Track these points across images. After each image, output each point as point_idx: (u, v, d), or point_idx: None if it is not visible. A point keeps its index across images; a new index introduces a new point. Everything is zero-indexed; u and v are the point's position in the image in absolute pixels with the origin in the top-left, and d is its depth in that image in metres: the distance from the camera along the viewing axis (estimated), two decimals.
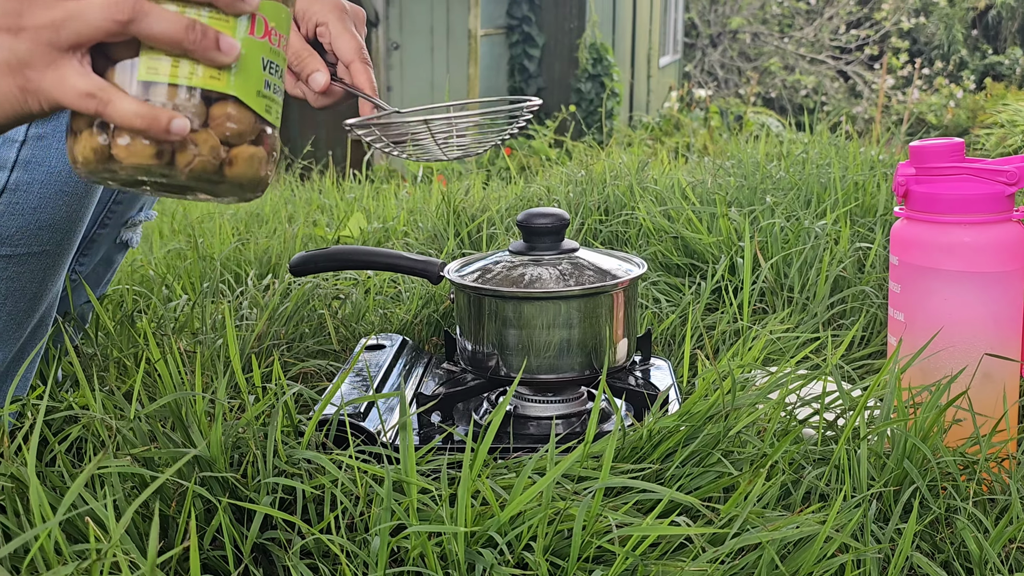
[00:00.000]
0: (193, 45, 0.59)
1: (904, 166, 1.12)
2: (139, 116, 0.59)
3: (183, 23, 0.59)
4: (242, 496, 0.85)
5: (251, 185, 0.65)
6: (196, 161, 0.61)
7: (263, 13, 0.63)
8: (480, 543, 0.75)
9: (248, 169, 0.64)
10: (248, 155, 0.64)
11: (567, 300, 1.04)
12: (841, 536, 0.75)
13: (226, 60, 0.61)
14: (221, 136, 0.62)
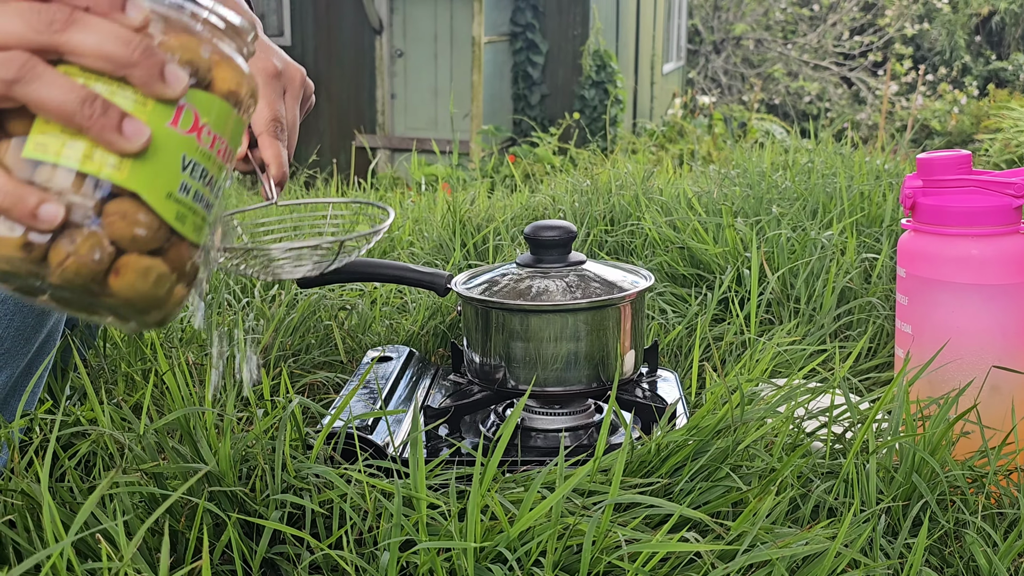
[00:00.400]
0: (89, 122, 0.49)
1: (911, 178, 1.12)
2: (2, 193, 0.48)
3: (80, 94, 0.49)
4: (251, 511, 0.85)
5: (144, 305, 0.52)
6: (70, 261, 0.49)
7: (195, 105, 0.53)
8: (489, 559, 0.75)
9: (140, 284, 0.51)
10: (141, 267, 0.51)
11: (574, 313, 1.05)
12: (851, 552, 0.75)
13: (128, 146, 0.50)
14: (112, 237, 0.50)
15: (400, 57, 8.84)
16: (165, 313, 0.54)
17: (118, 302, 0.51)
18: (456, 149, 4.92)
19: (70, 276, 0.49)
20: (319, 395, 1.27)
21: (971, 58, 12.53)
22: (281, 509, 0.83)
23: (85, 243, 0.49)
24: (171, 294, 0.54)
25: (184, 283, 0.54)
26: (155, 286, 0.52)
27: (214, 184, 0.55)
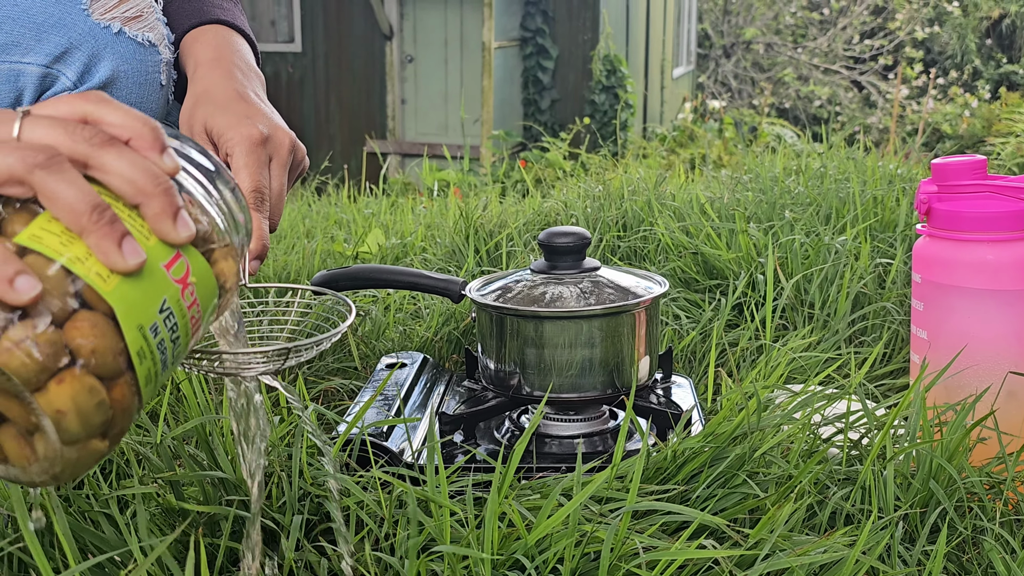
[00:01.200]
0: (93, 226, 0.49)
1: (926, 183, 1.12)
2: None
3: (93, 200, 0.49)
4: (266, 516, 0.85)
5: (74, 426, 0.47)
6: (23, 346, 0.46)
7: (189, 261, 0.53)
8: (507, 566, 0.75)
9: (81, 399, 0.47)
10: (88, 383, 0.47)
11: (589, 319, 1.05)
12: (869, 559, 0.75)
13: (121, 263, 0.49)
14: (72, 343, 0.47)
15: (410, 62, 8.85)
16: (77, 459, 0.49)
17: (47, 411, 0.47)
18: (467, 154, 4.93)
19: (17, 361, 0.45)
20: (333, 402, 1.27)
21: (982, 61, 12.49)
22: (299, 516, 0.83)
23: (44, 335, 0.46)
24: (95, 436, 0.49)
25: (107, 439, 0.50)
26: (95, 410, 0.48)
27: (176, 345, 0.53)
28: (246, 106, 0.86)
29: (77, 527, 0.76)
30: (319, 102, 8.83)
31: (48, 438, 0.47)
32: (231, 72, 0.90)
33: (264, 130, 0.83)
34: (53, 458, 0.48)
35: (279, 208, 0.84)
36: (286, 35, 8.77)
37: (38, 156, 0.49)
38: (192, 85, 0.90)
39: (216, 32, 0.95)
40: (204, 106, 0.86)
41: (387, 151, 8.46)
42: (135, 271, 0.50)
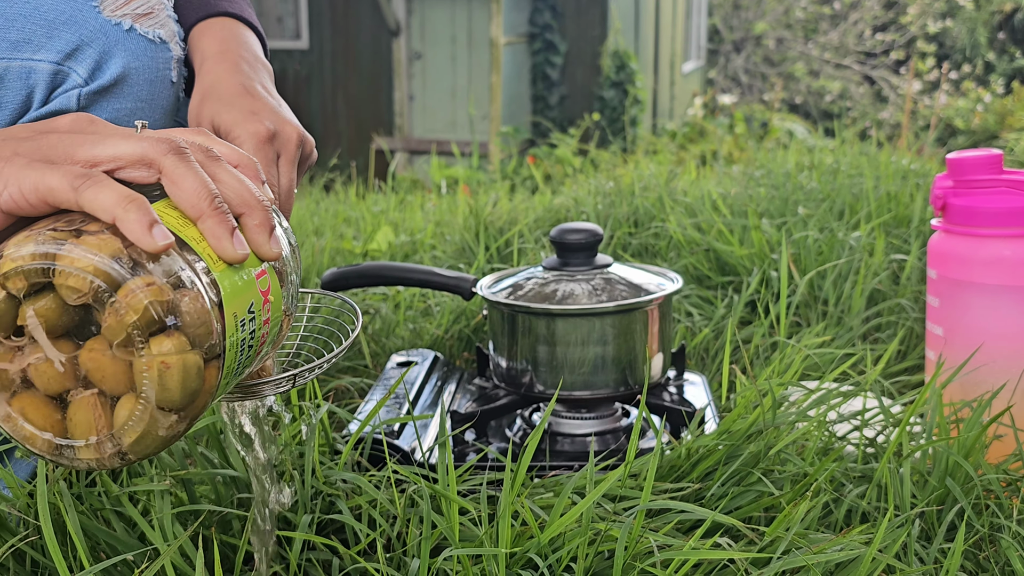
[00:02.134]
0: (212, 213, 0.53)
1: (942, 178, 1.11)
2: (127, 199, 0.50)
3: (212, 190, 0.53)
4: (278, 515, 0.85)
5: (170, 383, 0.49)
6: (144, 292, 0.48)
7: (271, 282, 0.56)
8: (519, 565, 0.74)
9: (183, 357, 0.49)
10: (190, 348, 0.50)
11: (601, 316, 1.04)
12: (886, 557, 0.74)
13: (230, 251, 0.53)
14: (180, 307, 0.50)
15: (418, 59, 8.85)
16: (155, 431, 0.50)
17: (152, 362, 0.49)
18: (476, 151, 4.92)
19: (141, 303, 0.48)
20: (344, 400, 1.26)
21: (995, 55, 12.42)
22: (311, 514, 0.83)
23: (166, 288, 0.49)
24: (181, 405, 0.50)
25: (188, 419, 0.52)
26: (194, 374, 0.50)
27: (248, 353, 0.55)
28: (252, 101, 0.86)
29: (89, 525, 0.76)
30: (326, 99, 8.84)
31: (144, 396, 0.49)
32: (238, 65, 0.90)
33: (271, 126, 0.83)
34: (136, 423, 0.49)
35: (289, 205, 0.84)
36: (293, 32, 8.77)
37: (170, 144, 0.53)
38: (199, 79, 0.90)
39: (223, 25, 0.95)
40: (211, 102, 0.86)
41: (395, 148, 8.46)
42: (239, 262, 0.53)
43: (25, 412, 0.50)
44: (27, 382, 0.50)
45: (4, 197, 0.52)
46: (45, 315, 0.49)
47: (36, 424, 0.50)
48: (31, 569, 0.77)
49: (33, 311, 0.49)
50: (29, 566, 0.77)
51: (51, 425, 0.50)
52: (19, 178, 0.52)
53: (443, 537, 0.80)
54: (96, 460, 0.51)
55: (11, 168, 0.52)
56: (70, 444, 0.50)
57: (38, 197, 0.51)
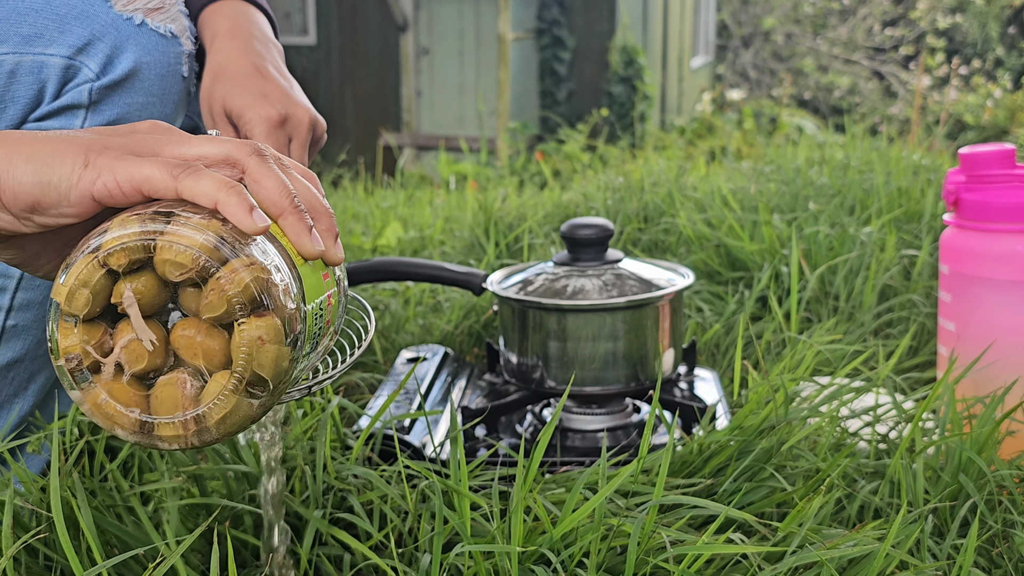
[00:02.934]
0: (293, 211, 0.55)
1: (954, 173, 1.11)
2: (228, 185, 0.53)
3: (290, 192, 0.55)
4: (290, 511, 0.85)
5: (264, 359, 0.51)
6: (247, 271, 0.51)
7: (333, 287, 0.59)
8: (532, 560, 0.74)
9: (277, 335, 0.51)
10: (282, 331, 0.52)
11: (612, 312, 1.04)
12: (900, 553, 0.74)
13: (308, 247, 0.55)
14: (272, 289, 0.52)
15: (425, 55, 8.84)
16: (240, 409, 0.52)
17: (248, 337, 0.51)
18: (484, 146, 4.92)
19: (242, 282, 0.50)
20: (355, 396, 1.26)
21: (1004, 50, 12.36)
22: (322, 509, 0.83)
23: (266, 270, 0.51)
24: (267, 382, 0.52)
25: (267, 404, 0.53)
26: (286, 353, 0.52)
27: (313, 350, 0.57)
28: (263, 82, 0.86)
29: (101, 520, 0.76)
30: (334, 95, 8.83)
31: (237, 372, 0.51)
32: (249, 43, 0.91)
33: (282, 110, 0.85)
34: (225, 399, 0.51)
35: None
36: (300, 28, 8.77)
37: (252, 147, 0.56)
38: (210, 58, 0.91)
39: (233, 5, 0.96)
40: (222, 82, 0.87)
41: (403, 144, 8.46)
42: (315, 259, 0.56)
43: (112, 392, 0.52)
44: (116, 364, 0.52)
45: (98, 185, 0.53)
46: (141, 292, 0.51)
47: (123, 402, 0.52)
48: (44, 563, 0.77)
49: (130, 287, 0.51)
50: (42, 560, 0.77)
51: (137, 403, 0.52)
52: (113, 168, 0.53)
53: (455, 532, 0.80)
54: (177, 438, 0.52)
55: (104, 158, 0.53)
56: (153, 421, 0.52)
57: (133, 186, 0.53)
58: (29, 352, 0.92)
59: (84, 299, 0.51)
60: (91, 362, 0.52)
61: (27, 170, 0.53)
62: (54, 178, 0.53)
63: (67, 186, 0.53)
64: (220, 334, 0.51)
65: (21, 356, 0.91)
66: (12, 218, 0.54)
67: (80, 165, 0.53)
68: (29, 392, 0.93)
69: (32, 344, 0.91)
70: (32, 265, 0.59)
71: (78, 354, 0.52)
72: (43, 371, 0.94)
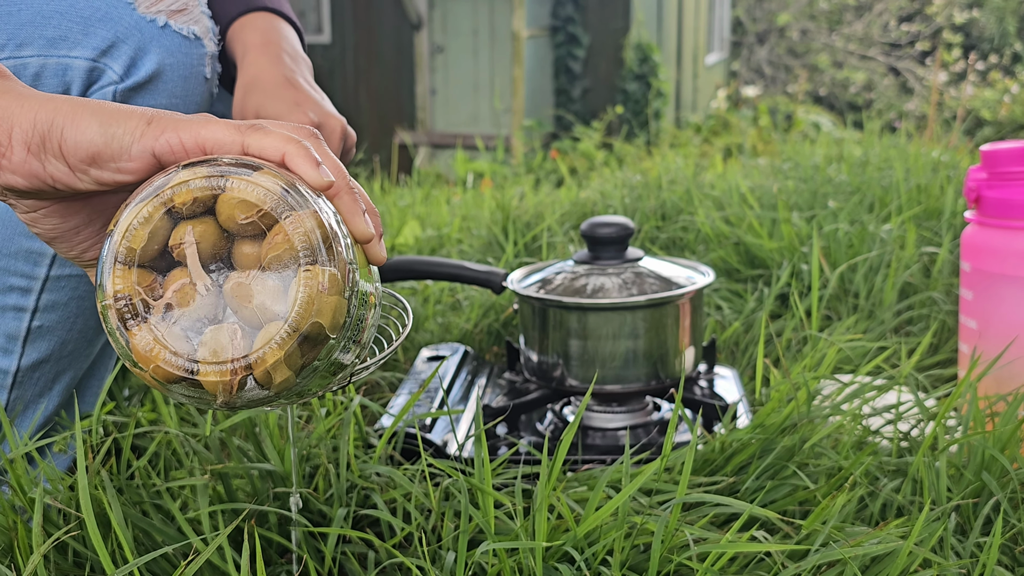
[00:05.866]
0: (348, 191, 0.55)
1: (975, 170, 1.10)
2: (294, 140, 0.54)
3: (347, 172, 0.56)
4: (313, 509, 0.86)
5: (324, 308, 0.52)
6: (317, 216, 0.52)
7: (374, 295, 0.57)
8: (555, 558, 0.75)
9: (337, 287, 0.52)
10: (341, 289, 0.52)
11: (633, 310, 1.04)
12: (923, 551, 0.74)
13: (362, 227, 0.55)
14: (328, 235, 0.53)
15: (440, 53, 8.85)
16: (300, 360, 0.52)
17: (311, 281, 0.51)
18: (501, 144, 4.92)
19: (309, 226, 0.51)
20: (375, 394, 1.27)
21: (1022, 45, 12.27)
22: (346, 507, 0.83)
23: (327, 222, 0.52)
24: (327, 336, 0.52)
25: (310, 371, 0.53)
26: (343, 307, 0.52)
27: (357, 335, 0.56)
28: (296, 92, 0.87)
29: (131, 517, 0.77)
30: (348, 93, 8.85)
31: (292, 320, 0.51)
32: (279, 57, 0.92)
33: (315, 118, 0.86)
34: (278, 347, 0.51)
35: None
36: (315, 26, 8.79)
37: (309, 131, 0.57)
38: (242, 71, 0.91)
39: (263, 19, 0.96)
40: (255, 93, 0.87)
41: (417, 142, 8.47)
42: (367, 239, 0.55)
43: (159, 336, 0.52)
44: (167, 307, 0.52)
45: (161, 141, 0.54)
46: (200, 237, 0.51)
47: (170, 347, 0.52)
48: (73, 560, 0.78)
49: (191, 229, 0.51)
50: (71, 557, 0.77)
51: (184, 350, 0.52)
52: (177, 127, 0.54)
53: (478, 530, 0.81)
54: (221, 384, 0.51)
55: (170, 119, 0.55)
56: (198, 367, 0.52)
57: (197, 143, 0.54)
58: (54, 353, 0.92)
59: (143, 236, 0.51)
60: (140, 305, 0.52)
61: (92, 121, 0.54)
62: (119, 131, 0.54)
63: (130, 139, 0.54)
64: (276, 285, 0.51)
65: (46, 356, 0.92)
66: (68, 170, 0.55)
67: (144, 122, 0.54)
68: (54, 392, 0.94)
69: (57, 345, 0.92)
70: (69, 241, 0.60)
71: (128, 295, 0.52)
72: (68, 371, 0.95)
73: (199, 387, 0.52)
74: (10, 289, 0.89)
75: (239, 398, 0.52)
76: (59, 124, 0.54)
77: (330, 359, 0.54)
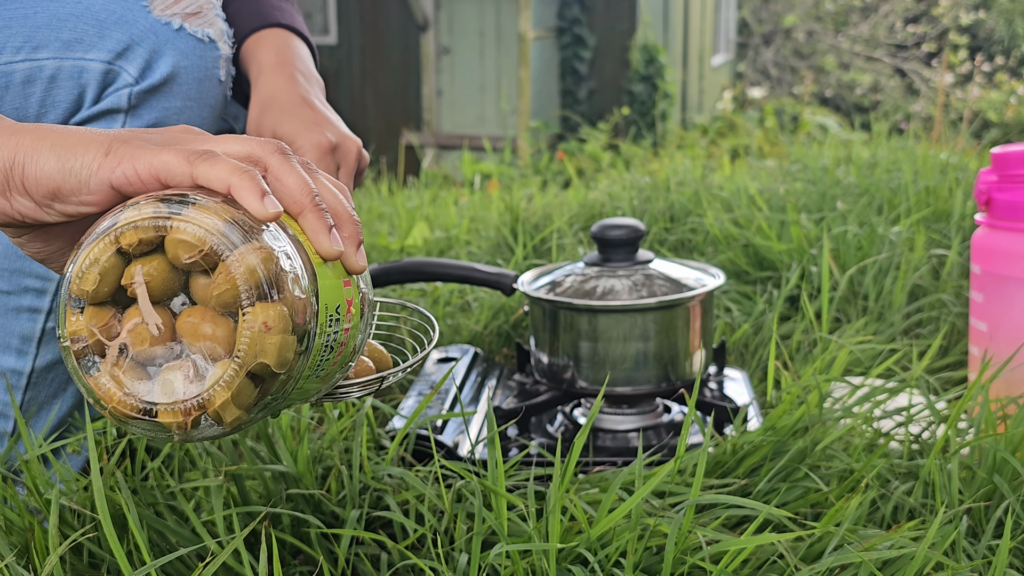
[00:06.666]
0: (313, 209, 0.55)
1: (986, 173, 1.10)
2: (241, 170, 0.53)
3: (312, 190, 0.55)
4: (326, 510, 0.86)
5: (268, 348, 0.51)
6: (257, 254, 0.51)
7: (354, 296, 0.57)
8: (568, 560, 0.75)
9: (284, 324, 0.51)
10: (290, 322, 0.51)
11: (644, 312, 1.04)
12: (936, 554, 0.74)
13: (327, 246, 0.54)
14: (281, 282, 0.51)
15: (446, 54, 8.85)
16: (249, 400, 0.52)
17: (254, 322, 0.50)
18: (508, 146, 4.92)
19: (248, 267, 0.50)
20: (386, 396, 1.27)
21: None
22: (359, 509, 0.84)
23: (275, 257, 0.51)
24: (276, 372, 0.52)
25: (265, 403, 0.53)
26: (290, 345, 0.51)
27: (328, 357, 0.55)
28: (313, 112, 0.88)
29: (147, 518, 0.77)
30: (355, 95, 8.86)
31: (239, 358, 0.50)
32: (294, 77, 0.92)
33: (333, 138, 0.86)
34: (225, 385, 0.50)
35: None
36: (321, 28, 8.81)
37: (276, 146, 0.56)
38: (256, 91, 0.92)
39: (278, 36, 0.97)
40: (272, 112, 0.88)
41: (424, 143, 8.48)
42: (334, 258, 0.55)
43: (116, 376, 0.52)
44: (122, 348, 0.52)
45: (117, 173, 0.54)
46: (151, 275, 0.51)
47: (125, 387, 0.52)
48: (88, 562, 0.78)
49: (141, 269, 0.51)
50: (86, 558, 0.78)
51: (140, 391, 0.52)
52: (133, 156, 0.54)
53: (491, 532, 0.81)
54: (175, 424, 0.51)
55: (128, 148, 0.54)
56: (154, 406, 0.52)
57: (151, 173, 0.54)
58: None
59: (94, 278, 0.51)
60: (97, 345, 0.52)
61: (51, 156, 0.54)
62: (75, 165, 0.54)
63: (87, 174, 0.54)
64: (226, 322, 0.51)
65: (61, 358, 0.93)
66: (34, 205, 0.55)
67: (101, 154, 0.54)
68: (68, 393, 0.95)
69: None
70: (57, 261, 0.60)
71: (84, 336, 0.52)
72: None
73: (157, 424, 0.52)
74: (25, 290, 0.89)
75: (197, 433, 0.52)
76: (20, 161, 0.55)
77: (287, 392, 0.54)
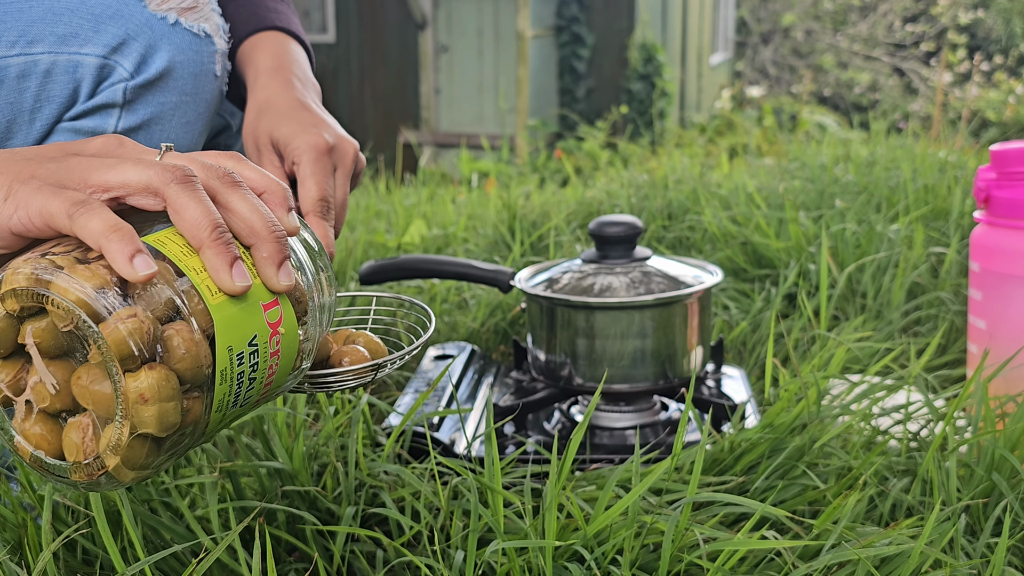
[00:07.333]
0: (213, 244, 0.52)
1: (985, 170, 1.10)
2: (112, 228, 0.50)
3: (217, 219, 0.52)
4: (321, 507, 0.86)
5: (146, 417, 0.49)
6: (132, 321, 0.48)
7: (284, 313, 0.55)
8: (565, 557, 0.74)
9: (161, 393, 0.49)
10: (172, 384, 0.49)
11: (641, 310, 1.04)
12: (934, 551, 0.73)
13: (228, 283, 0.52)
14: (167, 342, 0.49)
15: (444, 52, 8.85)
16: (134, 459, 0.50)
17: (131, 394, 0.48)
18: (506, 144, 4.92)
19: (119, 337, 0.48)
20: (382, 393, 1.27)
21: None
22: (355, 506, 0.83)
23: (148, 322, 0.48)
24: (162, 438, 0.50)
25: (167, 452, 0.51)
26: (173, 409, 0.49)
27: (251, 386, 0.54)
28: (309, 115, 0.87)
29: (141, 515, 0.77)
30: (353, 93, 8.86)
31: (121, 425, 0.49)
32: (290, 81, 0.92)
33: (330, 139, 0.85)
34: (114, 449, 0.49)
35: (343, 216, 0.86)
36: (320, 26, 8.80)
37: (176, 173, 0.53)
38: (253, 94, 0.92)
39: (275, 40, 0.96)
40: (268, 115, 0.88)
41: (422, 141, 8.47)
42: (239, 294, 0.52)
43: (24, 430, 0.51)
44: (27, 403, 0.51)
45: (14, 220, 0.52)
46: (41, 337, 0.49)
47: (32, 442, 0.51)
48: (82, 558, 0.78)
49: (31, 330, 0.49)
50: (80, 555, 0.77)
51: (47, 444, 0.51)
52: (28, 202, 0.52)
53: (487, 529, 0.81)
54: (84, 483, 0.51)
55: (25, 191, 0.53)
56: (63, 464, 0.51)
57: (42, 221, 0.52)
58: None
59: None
60: (4, 399, 0.51)
61: None
62: None
63: None
64: (110, 385, 0.49)
65: None
66: None
67: (1, 199, 0.52)
68: None
69: None
70: None
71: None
72: None
73: (67, 477, 0.51)
74: None
75: (104, 485, 0.51)
76: None
77: (197, 437, 0.52)
